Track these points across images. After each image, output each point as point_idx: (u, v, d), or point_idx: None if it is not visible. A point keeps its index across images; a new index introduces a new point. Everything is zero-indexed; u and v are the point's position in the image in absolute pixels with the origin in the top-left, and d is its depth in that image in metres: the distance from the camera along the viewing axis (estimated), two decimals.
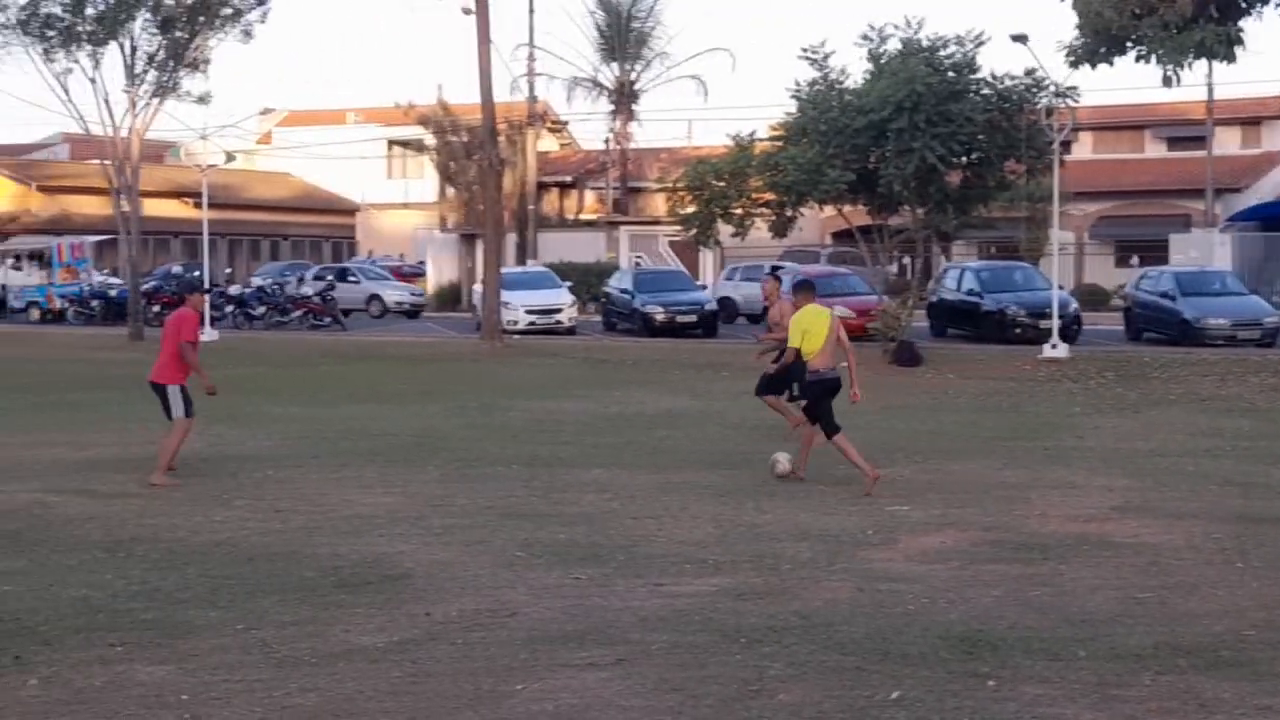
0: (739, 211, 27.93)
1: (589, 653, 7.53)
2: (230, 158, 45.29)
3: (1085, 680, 6.99)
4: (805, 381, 13.48)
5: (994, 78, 26.84)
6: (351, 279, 46.09)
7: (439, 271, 52.60)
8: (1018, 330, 29.32)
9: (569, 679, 7.10)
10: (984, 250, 45.68)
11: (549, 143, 61.20)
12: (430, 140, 52.71)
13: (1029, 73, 26.99)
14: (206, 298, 30.77)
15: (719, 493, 12.68)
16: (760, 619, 8.15)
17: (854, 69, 27.64)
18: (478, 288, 37.92)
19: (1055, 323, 26.81)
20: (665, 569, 9.55)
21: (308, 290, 41.49)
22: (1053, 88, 27.07)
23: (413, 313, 45.25)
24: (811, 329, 13.19)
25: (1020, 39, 26.67)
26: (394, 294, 46.09)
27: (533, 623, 8.18)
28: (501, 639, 7.84)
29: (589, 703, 6.73)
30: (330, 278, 45.12)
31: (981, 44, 26.83)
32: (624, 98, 55.23)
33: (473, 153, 44.77)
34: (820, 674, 7.12)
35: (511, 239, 47.82)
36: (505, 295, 33.85)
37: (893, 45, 26.85)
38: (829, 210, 31.82)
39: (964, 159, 27.05)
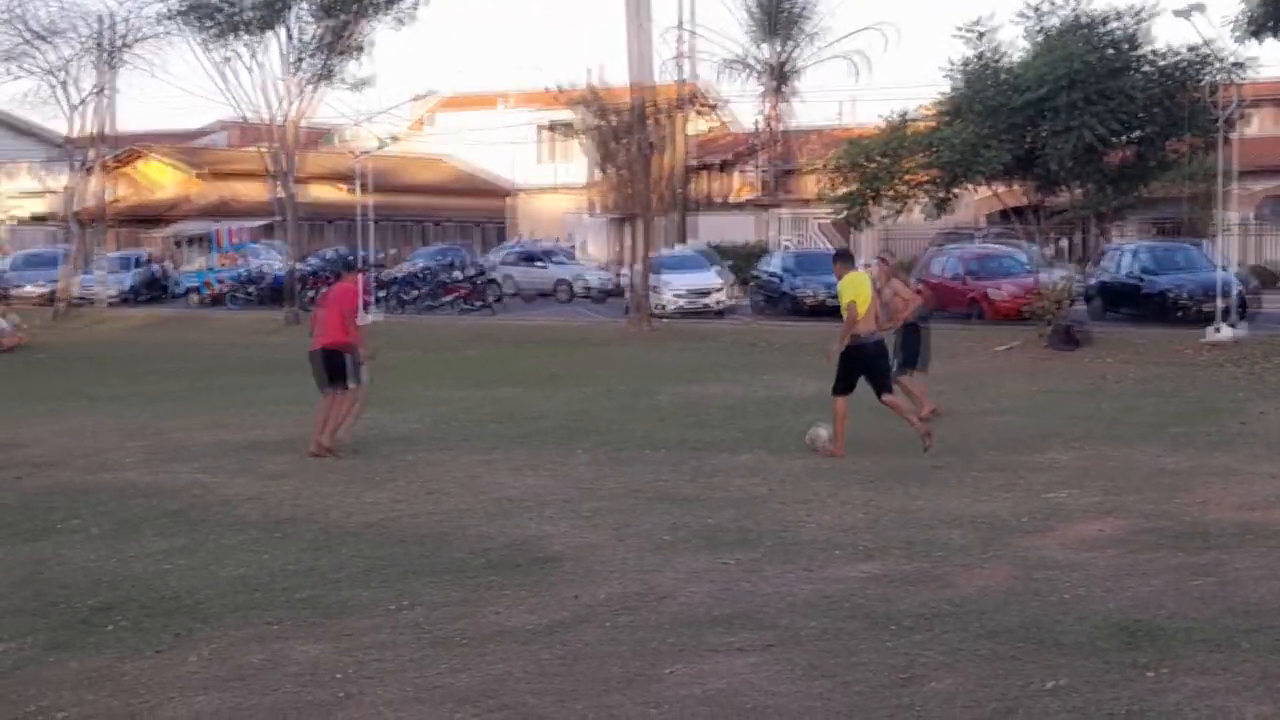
0: (893, 193, 27.58)
1: (738, 637, 7.49)
2: (385, 143, 45.94)
3: (1249, 672, 6.77)
4: (849, 347, 13.97)
5: (1157, 54, 26.15)
6: (539, 264, 46.06)
7: (590, 255, 52.84)
8: (1180, 313, 28.60)
9: (718, 663, 7.06)
10: (1146, 231, 44.61)
11: (701, 125, 61.11)
12: (582, 123, 52.95)
13: (1193, 48, 26.24)
14: (361, 276, 31.32)
15: (869, 478, 12.53)
16: (912, 606, 8.03)
17: (1012, 47, 27.14)
18: (627, 270, 38.03)
19: (1220, 305, 26.08)
20: (815, 554, 9.46)
21: (459, 275, 41.92)
22: (1218, 63, 26.29)
23: (600, 297, 44.85)
24: (859, 293, 13.81)
25: (1184, 13, 25.94)
26: (585, 278, 45.74)
27: (681, 607, 8.15)
28: (650, 623, 7.83)
29: (738, 687, 6.69)
30: (480, 262, 45.48)
31: (1143, 19, 26.16)
32: (776, 78, 54.92)
33: (624, 136, 44.85)
34: (973, 662, 6.99)
35: (663, 222, 47.84)
36: (656, 278, 33.88)
37: (1051, 22, 26.30)
38: (985, 191, 31.29)
39: (1125, 137, 26.39)
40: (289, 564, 9.34)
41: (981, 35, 26.62)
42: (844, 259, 14.67)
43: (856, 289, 13.88)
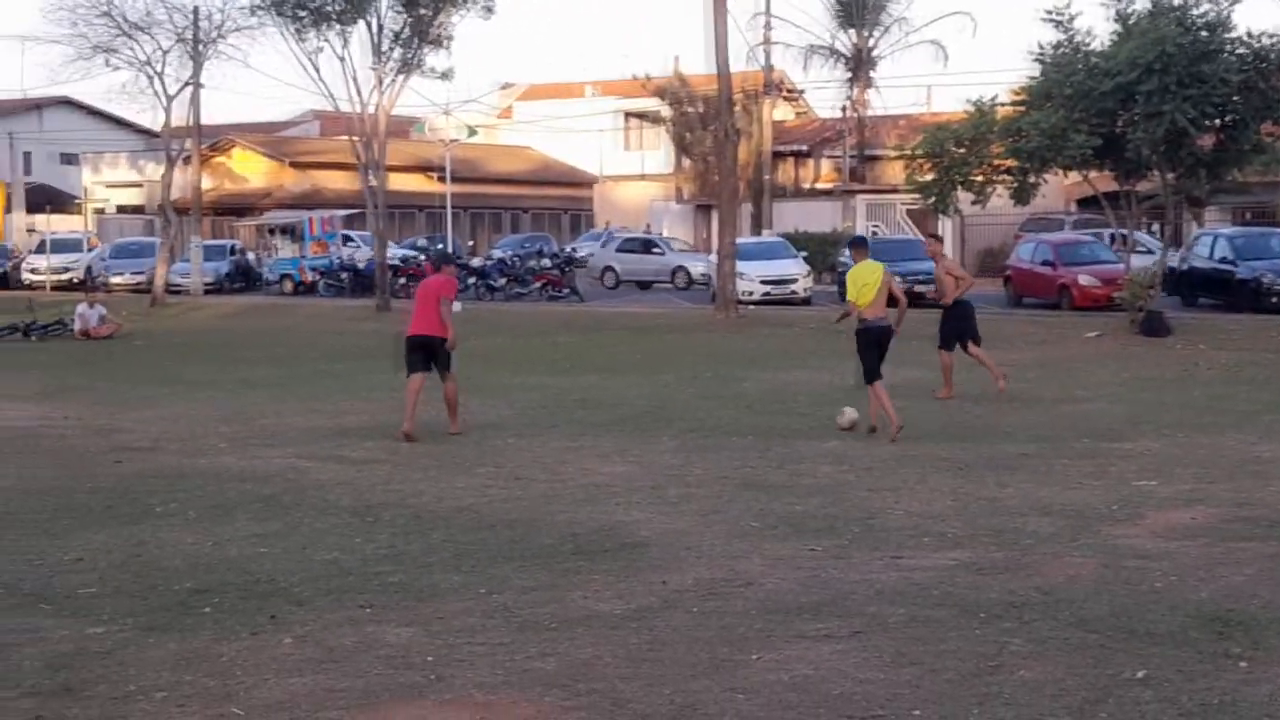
0: (979, 179, 27.32)
1: (824, 624, 7.50)
2: (471, 132, 46.19)
3: None
4: (855, 330, 14.70)
5: (1250, 36, 25.71)
6: (656, 251, 46.27)
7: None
8: (1274, 299, 28.14)
9: (804, 650, 7.08)
10: (1238, 216, 43.89)
11: (784, 111, 60.90)
12: (666, 111, 52.94)
13: None
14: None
15: (957, 465, 12.47)
16: (1000, 594, 8.00)
17: (1099, 30, 26.79)
18: (712, 258, 38.03)
19: None
20: (902, 542, 9.45)
21: (546, 263, 42.14)
22: None
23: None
24: (867, 282, 14.42)
25: None
26: (699, 266, 45.82)
27: (767, 593, 8.17)
28: (737, 609, 7.86)
29: (824, 674, 6.70)
30: (572, 250, 45.65)
31: (1237, 0, 25.72)
32: (861, 65, 54.61)
33: (708, 123, 44.79)
34: (1062, 651, 6.96)
35: (746, 209, 47.76)
36: (740, 266, 33.85)
37: (1141, 5, 25.94)
38: (1073, 176, 30.94)
39: (1217, 121, 25.98)
40: (380, 548, 9.46)
41: (1070, 19, 26.31)
42: (857, 246, 15.66)
43: (861, 281, 14.49)
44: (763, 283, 36.14)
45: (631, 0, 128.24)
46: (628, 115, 64.84)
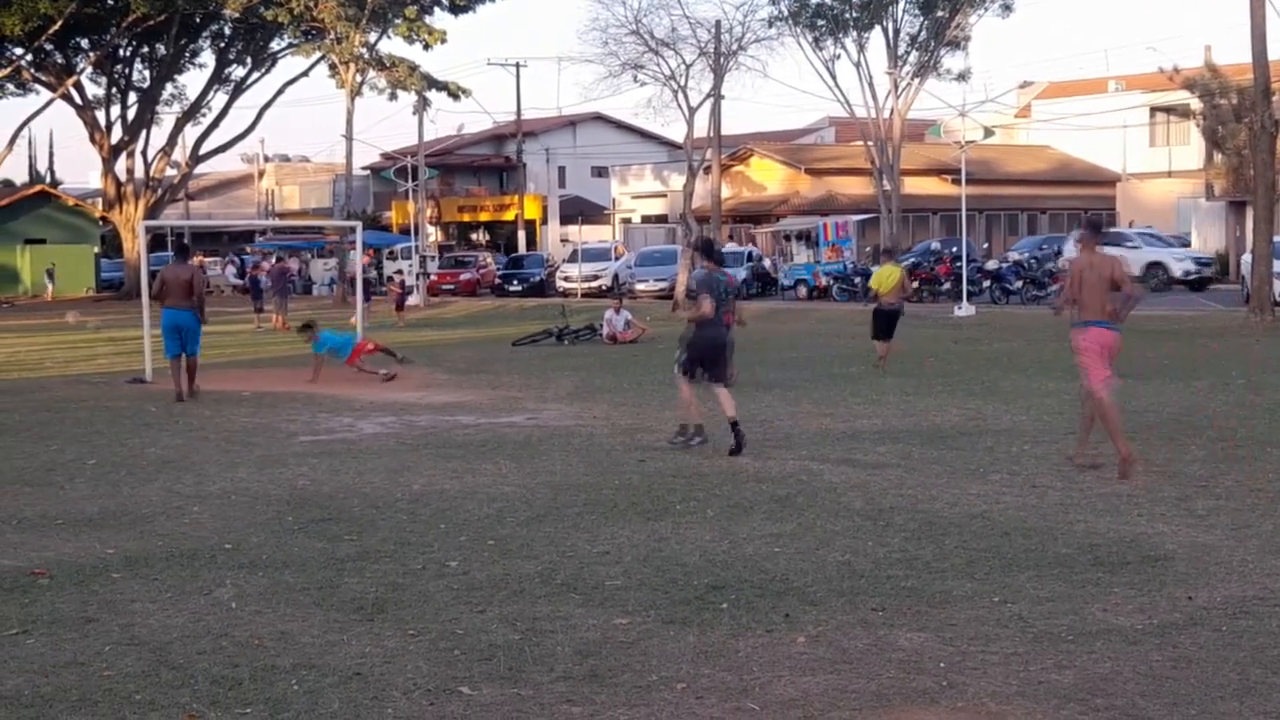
0: None
1: None
2: (988, 133, 45.55)
3: None
4: (874, 310, 22.99)
5: None
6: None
7: (1204, 242, 50.35)
8: None
9: None
10: None
11: None
12: (1196, 105, 50.52)
13: None
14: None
15: None
16: None
17: None
18: (1246, 258, 35.93)
19: None
20: None
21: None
22: None
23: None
24: (887, 277, 22.83)
25: None
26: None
27: None
28: (1271, 629, 7.40)
29: None
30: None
31: None
32: None
33: (1243, 115, 42.39)
34: None
35: None
36: (1278, 265, 31.85)
37: None
38: None
39: None
40: (892, 552, 9.47)
41: None
42: (888, 254, 24.43)
43: (884, 276, 23.12)
44: None
45: None
46: (1154, 110, 62.19)
